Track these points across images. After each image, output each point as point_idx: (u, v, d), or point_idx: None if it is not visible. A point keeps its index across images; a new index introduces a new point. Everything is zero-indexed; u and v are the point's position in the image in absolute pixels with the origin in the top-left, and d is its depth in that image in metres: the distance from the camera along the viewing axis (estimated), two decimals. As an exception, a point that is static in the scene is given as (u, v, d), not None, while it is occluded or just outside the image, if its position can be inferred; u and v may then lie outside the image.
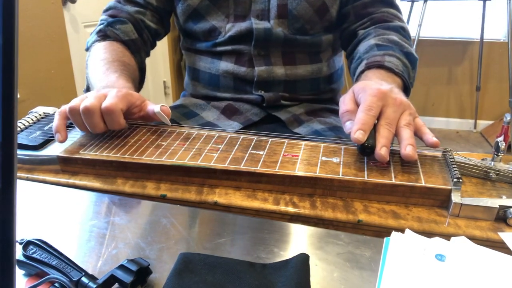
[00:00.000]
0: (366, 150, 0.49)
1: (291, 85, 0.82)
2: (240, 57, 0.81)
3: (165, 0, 0.83)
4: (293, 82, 0.82)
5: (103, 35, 0.78)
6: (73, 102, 0.54)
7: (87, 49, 0.80)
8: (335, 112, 0.85)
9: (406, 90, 0.67)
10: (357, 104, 0.53)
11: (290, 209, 0.46)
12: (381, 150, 0.47)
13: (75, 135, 0.58)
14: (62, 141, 0.54)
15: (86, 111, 0.53)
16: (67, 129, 0.55)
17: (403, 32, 0.75)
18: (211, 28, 0.81)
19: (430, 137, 0.50)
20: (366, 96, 0.51)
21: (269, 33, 0.77)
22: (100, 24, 0.80)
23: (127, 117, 0.58)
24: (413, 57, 0.71)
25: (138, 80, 0.80)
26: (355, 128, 0.48)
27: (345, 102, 0.54)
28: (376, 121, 0.50)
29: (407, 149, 0.47)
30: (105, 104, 0.53)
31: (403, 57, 0.69)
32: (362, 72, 0.67)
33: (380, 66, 0.65)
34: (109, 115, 0.53)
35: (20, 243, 0.36)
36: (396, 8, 0.79)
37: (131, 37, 0.79)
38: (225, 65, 0.82)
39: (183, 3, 0.81)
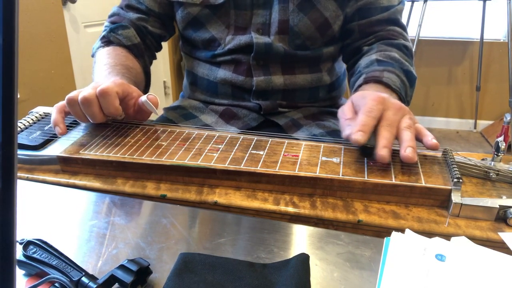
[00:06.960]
0: (366, 151, 0.49)
1: (290, 93, 0.82)
2: (239, 66, 0.80)
3: (167, 6, 0.83)
4: (292, 91, 0.82)
5: (106, 41, 0.79)
6: (71, 94, 0.55)
7: (93, 55, 0.80)
8: (335, 115, 0.85)
9: None
10: (357, 114, 0.52)
11: (290, 209, 0.46)
12: (382, 151, 0.47)
13: (75, 135, 0.58)
14: (62, 134, 0.55)
15: (84, 101, 0.53)
16: (68, 129, 0.55)
17: (405, 50, 0.75)
18: (210, 39, 0.80)
19: (430, 139, 0.50)
20: (366, 101, 0.51)
21: (269, 47, 0.77)
22: (104, 31, 0.81)
23: (124, 109, 0.59)
24: (412, 76, 0.72)
25: (144, 83, 0.81)
26: (355, 129, 0.48)
27: (344, 112, 0.55)
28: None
29: (407, 150, 0.47)
30: (100, 87, 0.54)
31: (402, 74, 0.70)
32: (360, 86, 0.68)
33: (378, 81, 0.66)
34: (104, 98, 0.54)
35: (20, 243, 0.36)
36: (402, 27, 0.79)
37: (133, 42, 0.79)
38: (223, 73, 0.81)
39: (183, 11, 0.80)
